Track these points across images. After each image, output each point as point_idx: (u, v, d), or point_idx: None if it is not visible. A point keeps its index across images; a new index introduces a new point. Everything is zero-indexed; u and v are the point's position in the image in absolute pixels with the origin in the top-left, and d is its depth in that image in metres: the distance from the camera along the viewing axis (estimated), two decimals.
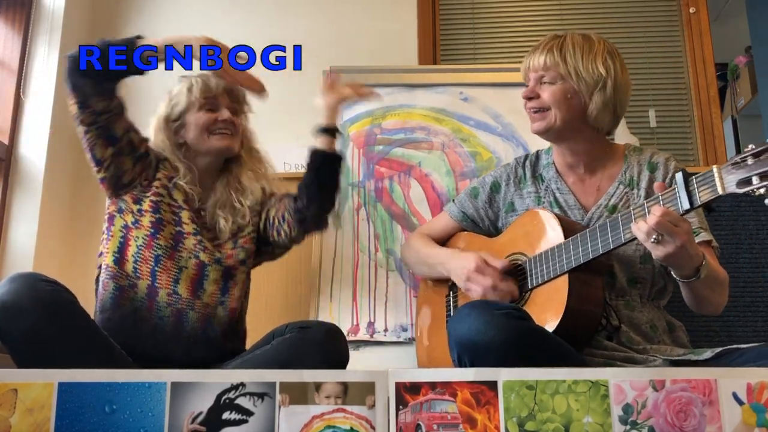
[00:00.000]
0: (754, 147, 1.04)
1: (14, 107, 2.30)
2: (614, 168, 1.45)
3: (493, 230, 1.57)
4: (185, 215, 1.54)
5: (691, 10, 2.59)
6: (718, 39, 2.81)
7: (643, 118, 2.52)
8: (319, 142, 1.61)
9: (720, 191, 1.07)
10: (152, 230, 1.50)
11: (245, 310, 1.64)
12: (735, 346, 1.14)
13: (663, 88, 2.57)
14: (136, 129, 1.54)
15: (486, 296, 1.36)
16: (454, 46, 2.66)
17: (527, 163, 1.56)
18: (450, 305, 1.54)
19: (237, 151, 1.63)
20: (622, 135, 2.15)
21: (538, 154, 1.58)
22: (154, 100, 1.67)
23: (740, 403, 0.87)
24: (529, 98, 1.43)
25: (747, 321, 1.78)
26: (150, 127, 1.63)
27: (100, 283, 1.50)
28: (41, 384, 0.90)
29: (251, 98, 1.65)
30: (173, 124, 1.61)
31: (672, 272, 1.23)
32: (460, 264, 1.44)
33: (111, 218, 1.54)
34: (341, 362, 1.33)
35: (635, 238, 1.17)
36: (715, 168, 1.08)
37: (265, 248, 1.66)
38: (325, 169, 1.60)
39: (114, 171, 1.50)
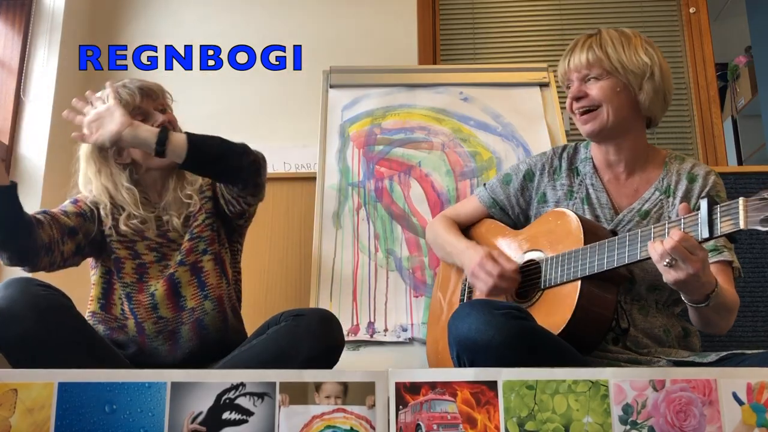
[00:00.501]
0: None
1: (14, 107, 2.31)
2: (653, 173, 1.43)
3: (522, 219, 1.55)
4: (141, 246, 1.50)
5: (691, 10, 2.59)
6: (718, 39, 2.82)
7: None
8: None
9: (742, 225, 1.03)
10: (116, 270, 1.49)
11: (235, 295, 1.60)
12: (740, 351, 1.13)
13: None
14: (56, 224, 1.44)
15: (487, 295, 1.36)
16: (454, 46, 2.66)
17: (564, 154, 1.53)
18: (465, 291, 1.53)
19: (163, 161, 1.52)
20: None
21: (576, 147, 1.55)
22: None
23: (740, 403, 0.87)
24: (577, 98, 1.39)
25: (747, 321, 1.78)
26: (80, 169, 1.55)
27: (95, 322, 1.50)
28: (41, 384, 0.90)
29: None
30: (110, 151, 1.50)
31: (681, 295, 1.22)
32: (469, 258, 1.43)
33: (94, 267, 1.55)
34: (336, 347, 1.33)
35: (650, 257, 1.15)
36: (741, 201, 1.05)
37: (237, 223, 1.61)
38: (201, 164, 1.46)
39: (89, 252, 1.50)
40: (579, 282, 1.24)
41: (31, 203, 2.25)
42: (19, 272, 1.91)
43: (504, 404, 0.88)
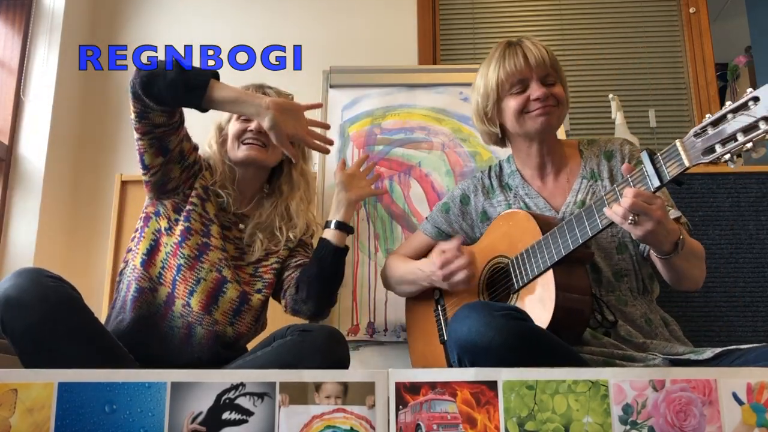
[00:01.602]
0: (710, 116, 1.06)
1: (14, 107, 2.31)
2: (574, 164, 1.48)
3: (469, 242, 1.57)
4: (214, 229, 1.53)
5: (691, 10, 2.59)
6: (718, 39, 2.81)
7: (643, 118, 2.52)
8: (331, 235, 1.60)
9: (687, 163, 1.09)
10: (180, 238, 1.49)
11: (257, 334, 1.62)
12: (735, 346, 1.14)
13: (663, 88, 2.57)
14: (189, 137, 1.53)
15: (470, 276, 1.39)
16: (454, 46, 2.66)
17: (492, 173, 1.58)
18: (440, 318, 1.53)
19: (270, 162, 1.60)
20: (623, 135, 2.15)
21: (500, 164, 1.60)
22: None
23: (740, 403, 0.87)
24: (546, 97, 1.41)
25: (747, 321, 1.78)
26: (211, 130, 1.64)
27: (124, 281, 1.51)
28: (41, 384, 0.90)
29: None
30: (221, 133, 1.62)
31: (652, 252, 1.25)
32: (429, 270, 1.46)
33: (147, 219, 1.54)
34: (342, 367, 1.33)
35: (612, 223, 1.18)
36: (677, 142, 1.10)
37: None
38: (331, 264, 1.57)
39: (160, 177, 1.49)
40: (552, 270, 1.27)
41: (31, 203, 2.25)
42: (14, 269, 1.92)
43: (504, 404, 0.88)
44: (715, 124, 1.06)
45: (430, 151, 2.04)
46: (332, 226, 1.62)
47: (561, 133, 2.06)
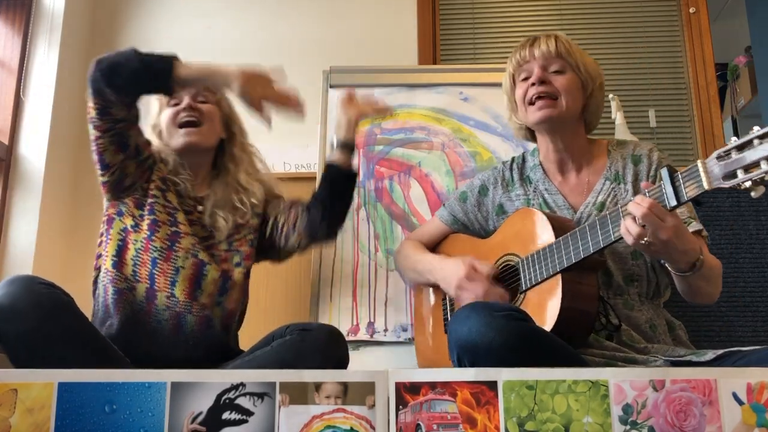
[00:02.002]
0: (736, 140, 1.03)
1: (14, 107, 2.30)
2: (599, 164, 1.46)
3: (484, 234, 1.57)
4: (180, 216, 1.53)
5: (691, 10, 2.59)
6: (718, 39, 2.81)
7: (643, 118, 2.52)
8: (337, 157, 1.61)
9: (706, 186, 1.06)
10: (149, 232, 1.49)
11: (244, 313, 1.63)
12: (737, 348, 1.14)
13: (663, 88, 2.56)
14: (141, 132, 1.54)
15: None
16: (454, 46, 2.66)
17: (514, 165, 1.57)
18: (447, 309, 1.54)
19: (208, 144, 1.61)
20: (623, 135, 2.15)
21: (524, 157, 1.58)
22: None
23: (740, 403, 0.87)
24: (541, 82, 1.41)
25: (747, 321, 1.78)
26: (153, 118, 1.64)
27: (100, 287, 1.50)
28: (41, 384, 0.90)
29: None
30: (157, 129, 1.62)
31: (667, 265, 1.24)
32: (449, 272, 1.44)
33: (110, 221, 1.54)
34: (341, 366, 1.33)
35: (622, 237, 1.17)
36: (699, 162, 1.07)
37: (270, 251, 1.66)
38: (340, 183, 1.61)
39: (119, 175, 1.50)
40: (560, 275, 1.25)
41: (31, 203, 2.25)
42: (23, 268, 1.92)
43: (504, 404, 0.88)
44: (740, 148, 1.02)
45: (430, 151, 2.04)
46: (335, 146, 1.63)
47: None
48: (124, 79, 1.38)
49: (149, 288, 1.46)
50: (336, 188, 1.60)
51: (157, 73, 1.39)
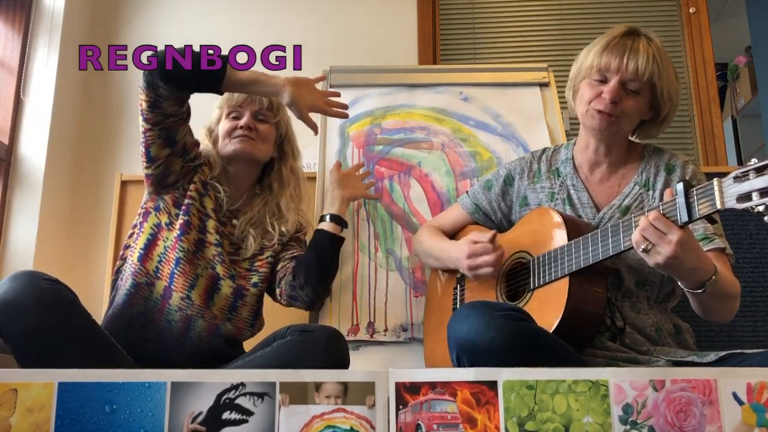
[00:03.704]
0: (756, 161, 1.01)
1: (14, 107, 2.31)
2: (631, 168, 1.44)
3: (505, 223, 1.56)
4: (211, 224, 1.55)
5: (691, 10, 2.59)
6: (718, 39, 2.81)
7: None
8: (326, 226, 1.65)
9: (719, 205, 1.04)
10: (179, 231, 1.50)
11: (255, 332, 1.63)
12: (739, 350, 1.13)
13: None
14: (191, 132, 1.56)
15: (495, 272, 1.38)
16: (454, 46, 2.66)
17: (544, 157, 1.55)
18: (456, 298, 1.54)
19: (260, 156, 1.63)
20: None
21: (557, 148, 1.55)
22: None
23: (740, 403, 0.87)
24: (613, 102, 1.35)
25: (747, 321, 1.78)
26: (208, 126, 1.67)
27: (122, 278, 1.51)
28: (41, 384, 0.90)
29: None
30: (212, 135, 1.65)
31: (678, 282, 1.22)
32: (456, 256, 1.45)
33: (146, 214, 1.55)
34: (342, 367, 1.33)
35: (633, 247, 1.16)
36: (715, 181, 1.05)
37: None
38: (328, 251, 1.62)
39: (163, 170, 1.51)
40: (568, 278, 1.25)
41: (31, 203, 2.25)
42: (23, 267, 1.91)
43: (504, 404, 0.88)
44: (759, 170, 0.99)
45: (430, 151, 2.04)
46: (327, 219, 1.67)
47: (561, 132, 2.07)
48: (178, 75, 1.40)
49: (167, 287, 1.47)
50: (324, 254, 1.61)
51: (211, 73, 1.42)
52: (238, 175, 1.63)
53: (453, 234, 1.64)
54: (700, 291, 1.17)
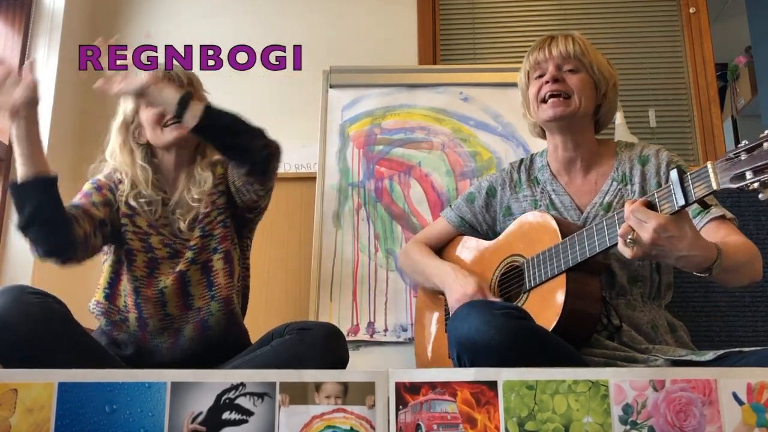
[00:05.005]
0: (747, 143, 1.04)
1: None
2: (607, 165, 1.46)
3: (491, 234, 1.57)
4: (155, 240, 1.50)
5: (691, 10, 2.59)
6: (718, 39, 2.81)
7: (643, 118, 2.52)
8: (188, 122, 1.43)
9: (714, 186, 1.06)
10: (127, 262, 1.48)
11: (246, 296, 1.61)
12: (738, 349, 1.14)
13: (663, 88, 2.57)
14: (88, 217, 1.45)
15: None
16: (454, 46, 2.66)
17: (522, 167, 1.57)
18: (449, 309, 1.54)
19: (193, 139, 1.53)
20: (623, 135, 2.15)
21: (532, 158, 1.58)
22: None
23: (740, 403, 0.87)
24: (555, 80, 1.41)
25: (747, 321, 1.78)
26: (110, 140, 1.58)
27: (96, 315, 1.51)
28: (41, 384, 0.90)
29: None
30: (131, 126, 1.55)
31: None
32: (459, 287, 1.44)
33: (107, 253, 1.54)
34: (341, 364, 1.33)
35: None
36: (709, 164, 1.08)
37: (247, 216, 1.60)
38: (213, 134, 1.45)
39: (101, 243, 1.49)
40: (564, 275, 1.26)
41: None
42: (23, 270, 1.91)
43: (504, 404, 0.88)
44: (750, 150, 1.02)
45: (430, 151, 2.04)
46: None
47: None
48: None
49: (139, 317, 1.46)
50: (216, 139, 1.45)
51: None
52: (176, 162, 1.55)
53: (439, 250, 1.64)
54: (706, 275, 1.17)
